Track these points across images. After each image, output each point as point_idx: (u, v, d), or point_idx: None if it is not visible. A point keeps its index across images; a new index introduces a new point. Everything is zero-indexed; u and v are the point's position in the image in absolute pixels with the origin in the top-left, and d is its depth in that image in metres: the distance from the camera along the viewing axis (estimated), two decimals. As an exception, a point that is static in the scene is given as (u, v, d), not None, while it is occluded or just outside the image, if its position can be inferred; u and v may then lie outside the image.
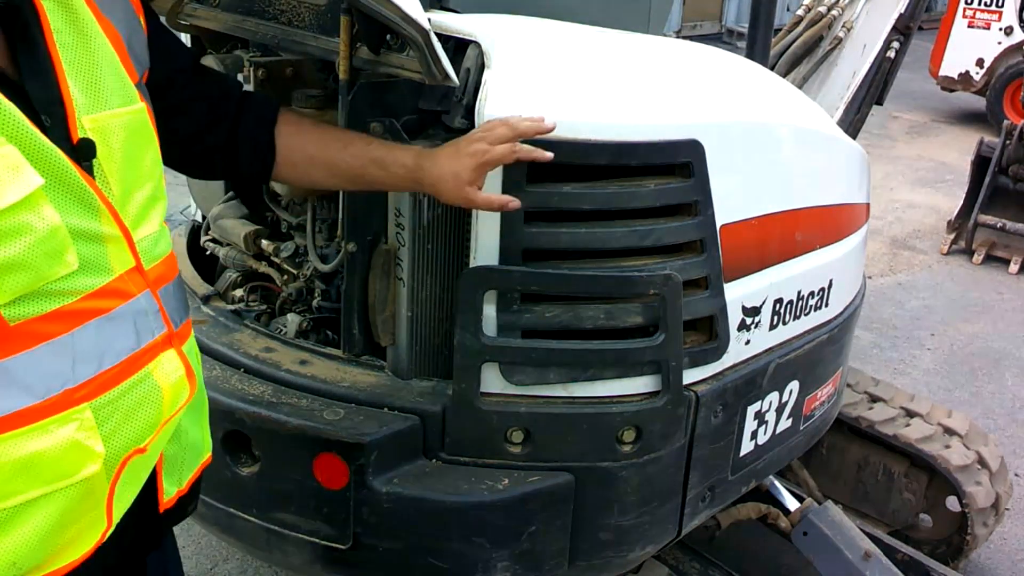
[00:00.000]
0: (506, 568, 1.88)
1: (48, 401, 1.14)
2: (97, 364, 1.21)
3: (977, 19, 9.82)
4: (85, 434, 1.18)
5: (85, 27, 1.23)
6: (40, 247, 1.10)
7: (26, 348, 1.12)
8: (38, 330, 1.13)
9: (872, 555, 2.59)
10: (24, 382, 1.12)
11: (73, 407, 1.17)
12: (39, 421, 1.14)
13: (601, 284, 1.82)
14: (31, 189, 1.09)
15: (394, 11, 1.56)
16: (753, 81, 2.33)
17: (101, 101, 1.23)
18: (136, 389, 1.26)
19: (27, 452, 1.12)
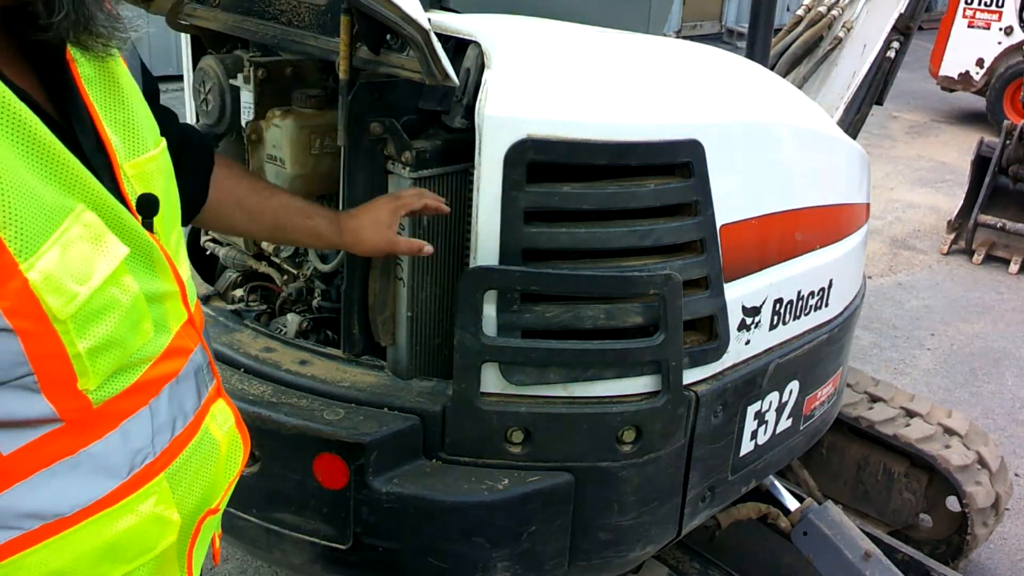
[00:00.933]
0: (506, 568, 1.88)
1: (131, 479, 1.10)
2: (171, 431, 1.17)
3: (977, 19, 9.82)
4: (163, 506, 1.15)
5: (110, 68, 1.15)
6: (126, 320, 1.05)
7: (111, 430, 1.07)
8: (121, 408, 1.08)
9: (872, 555, 2.59)
10: (110, 465, 1.08)
11: (152, 480, 1.13)
12: (122, 501, 1.09)
13: (601, 284, 1.82)
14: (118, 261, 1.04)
15: (394, 11, 1.56)
16: (753, 81, 2.33)
17: (140, 145, 1.16)
18: (199, 448, 1.23)
19: (112, 534, 1.08)
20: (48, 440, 1.01)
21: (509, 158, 1.73)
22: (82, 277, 0.99)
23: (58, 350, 0.98)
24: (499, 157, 1.73)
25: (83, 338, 0.99)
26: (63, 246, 0.96)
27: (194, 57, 2.32)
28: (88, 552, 1.06)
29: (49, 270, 0.95)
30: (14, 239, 0.92)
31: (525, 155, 1.73)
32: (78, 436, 1.04)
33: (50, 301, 0.95)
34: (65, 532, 1.03)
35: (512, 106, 1.73)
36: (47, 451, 1.01)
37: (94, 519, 1.06)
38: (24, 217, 0.92)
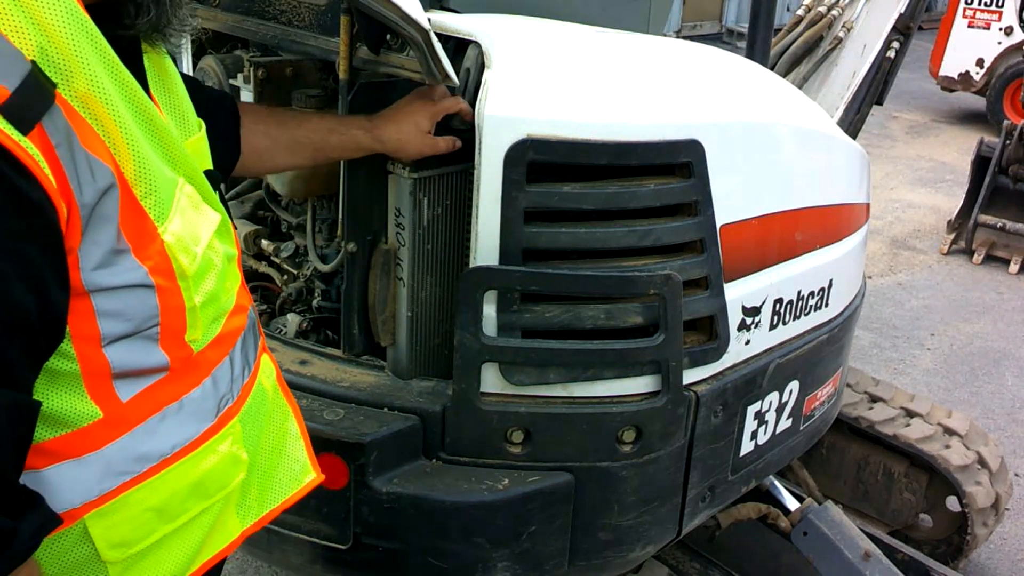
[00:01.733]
0: (506, 568, 1.88)
1: (216, 422, 1.22)
2: (243, 378, 1.30)
3: (977, 19, 9.82)
4: (237, 446, 1.27)
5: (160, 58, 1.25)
6: (220, 278, 1.19)
7: (205, 376, 1.19)
8: (211, 358, 1.20)
9: (872, 555, 2.59)
10: (203, 408, 1.20)
11: (230, 422, 1.25)
12: (208, 441, 1.21)
13: (601, 284, 1.82)
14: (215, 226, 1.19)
15: (394, 11, 1.56)
16: (753, 81, 2.33)
17: (188, 127, 1.27)
18: (257, 394, 1.35)
19: (199, 472, 1.20)
20: (157, 388, 1.13)
21: (509, 158, 1.73)
22: (196, 240, 1.13)
23: (180, 303, 1.11)
24: (499, 157, 1.73)
25: (198, 292, 1.13)
26: (181, 212, 1.10)
27: (194, 57, 2.32)
28: (180, 489, 1.17)
29: (178, 233, 1.09)
30: (154, 207, 1.05)
31: (525, 155, 1.73)
32: (181, 383, 1.16)
33: (181, 259, 1.09)
34: (163, 472, 1.14)
35: (512, 106, 1.73)
36: (158, 397, 1.13)
37: (186, 459, 1.17)
38: (159, 188, 1.06)
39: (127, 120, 1.03)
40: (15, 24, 0.94)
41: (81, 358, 1.04)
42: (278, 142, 1.72)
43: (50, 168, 0.93)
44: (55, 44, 0.96)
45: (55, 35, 0.96)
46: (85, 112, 0.98)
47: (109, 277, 1.02)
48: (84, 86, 0.98)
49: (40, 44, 0.95)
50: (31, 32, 0.94)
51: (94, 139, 0.99)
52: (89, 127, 0.98)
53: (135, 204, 1.03)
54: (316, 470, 1.51)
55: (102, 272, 1.01)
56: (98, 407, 1.07)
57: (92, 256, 1.00)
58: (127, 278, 1.04)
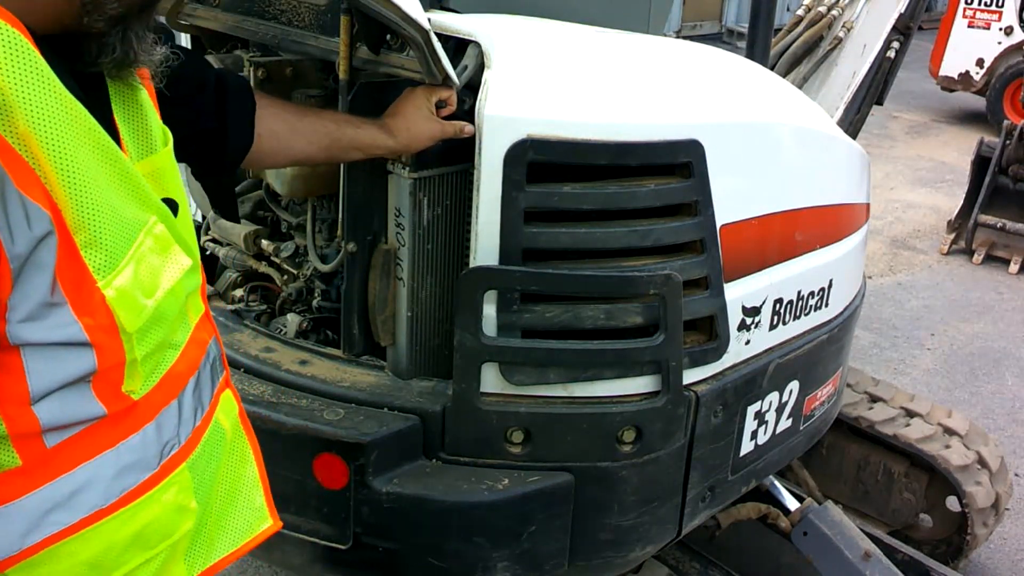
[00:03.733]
0: (506, 568, 1.88)
1: (160, 470, 1.14)
2: (193, 421, 1.20)
3: (977, 19, 9.82)
4: (184, 495, 1.18)
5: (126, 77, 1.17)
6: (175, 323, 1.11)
7: (147, 422, 1.11)
8: (156, 401, 1.12)
9: (872, 555, 2.58)
10: (144, 456, 1.11)
11: (176, 469, 1.17)
12: (151, 491, 1.12)
13: (601, 284, 1.82)
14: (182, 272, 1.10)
15: (394, 11, 1.56)
16: (753, 81, 2.33)
17: (148, 143, 1.17)
18: (211, 437, 1.26)
19: (140, 524, 1.12)
20: (89, 434, 1.04)
21: (509, 158, 1.73)
22: (150, 290, 1.04)
23: (119, 359, 1.02)
24: (499, 157, 1.73)
25: (142, 346, 1.04)
26: (137, 261, 1.01)
27: (194, 57, 2.31)
28: (117, 542, 1.08)
29: (124, 286, 0.99)
30: (96, 257, 0.96)
31: (525, 155, 1.73)
32: (117, 430, 1.07)
33: (122, 316, 1.00)
34: (98, 523, 1.06)
35: (512, 106, 1.73)
36: (89, 444, 1.04)
37: (125, 510, 1.09)
38: (108, 236, 0.97)
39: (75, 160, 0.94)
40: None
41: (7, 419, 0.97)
42: (295, 128, 1.68)
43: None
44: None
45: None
46: (25, 152, 0.91)
47: (39, 332, 0.94)
48: (24, 125, 0.90)
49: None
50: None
51: (32, 182, 0.91)
52: (28, 169, 0.91)
53: (74, 254, 0.95)
54: (274, 517, 1.44)
55: (31, 326, 0.93)
56: (17, 455, 0.99)
57: (21, 308, 0.92)
58: (60, 334, 0.96)
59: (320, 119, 1.73)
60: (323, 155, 1.75)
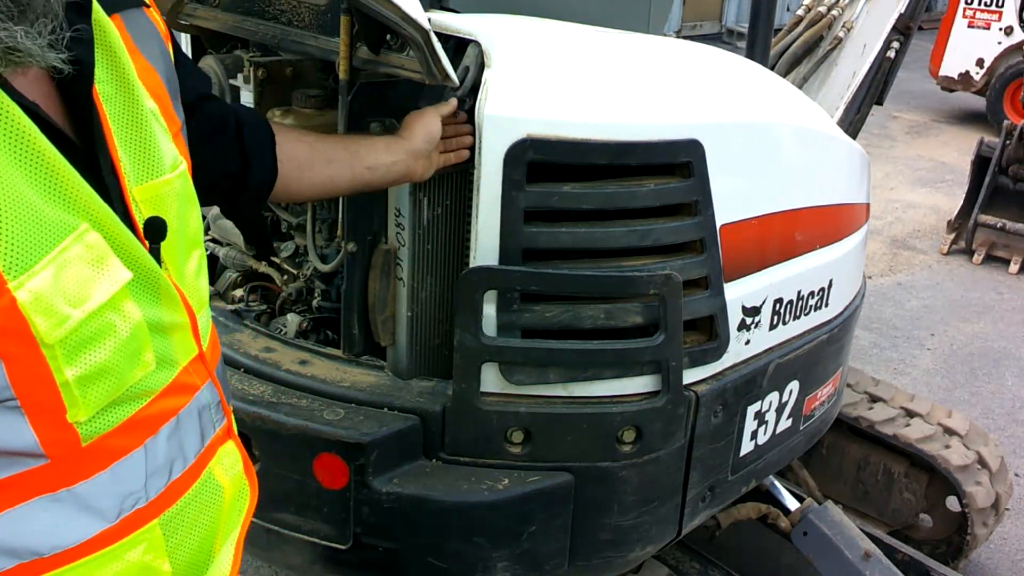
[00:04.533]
0: (506, 568, 1.88)
1: (120, 524, 1.03)
2: (168, 474, 1.09)
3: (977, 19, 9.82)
4: (153, 555, 1.07)
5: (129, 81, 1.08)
6: (124, 350, 0.99)
7: (101, 469, 1.00)
8: (112, 447, 1.01)
9: (872, 555, 2.59)
10: (97, 506, 1.00)
11: (143, 526, 1.05)
12: (109, 546, 1.02)
13: (601, 284, 1.82)
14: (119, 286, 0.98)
15: (394, 11, 1.56)
16: (753, 81, 2.33)
17: (151, 168, 1.09)
18: (199, 494, 1.15)
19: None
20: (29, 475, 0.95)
21: (509, 158, 1.73)
22: (77, 300, 0.93)
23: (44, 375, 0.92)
24: (499, 157, 1.73)
25: (72, 365, 0.93)
26: (59, 266, 0.91)
27: (194, 57, 2.31)
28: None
29: (40, 290, 0.89)
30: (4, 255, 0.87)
31: (525, 155, 1.73)
32: (62, 473, 0.97)
33: (38, 323, 0.89)
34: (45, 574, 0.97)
35: (512, 106, 1.73)
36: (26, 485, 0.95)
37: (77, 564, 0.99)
38: (17, 233, 0.88)
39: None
40: None
41: None
42: (316, 150, 1.64)
43: None
44: None
45: None
46: None
47: None
48: None
49: None
50: None
51: None
52: None
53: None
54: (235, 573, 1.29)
55: None
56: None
57: None
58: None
59: (340, 140, 1.73)
60: (346, 175, 1.68)
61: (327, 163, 1.65)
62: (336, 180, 1.68)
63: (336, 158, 1.65)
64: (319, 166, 1.64)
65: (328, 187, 1.71)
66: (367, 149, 1.69)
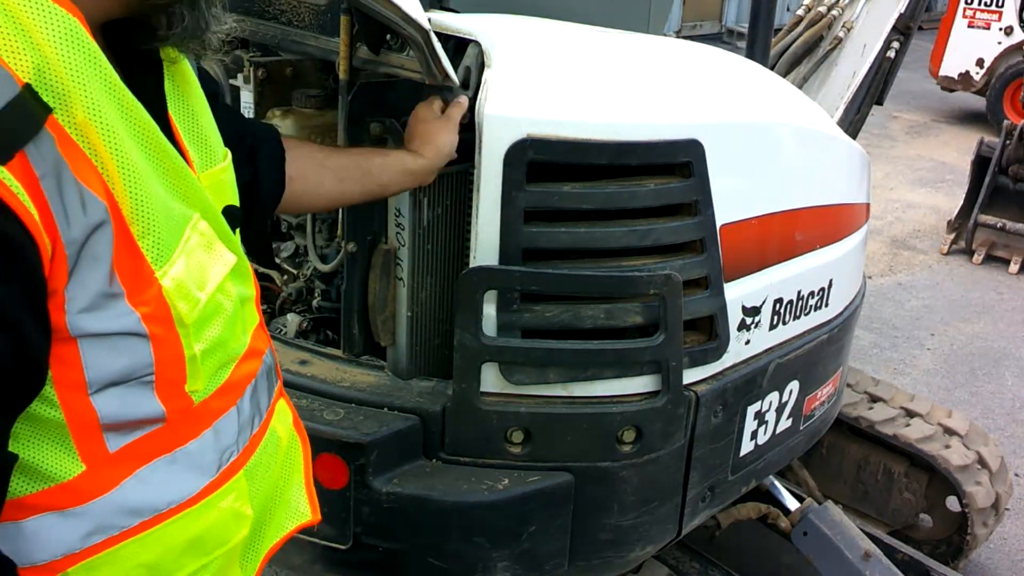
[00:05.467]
0: (506, 568, 1.88)
1: (218, 476, 1.15)
2: (250, 429, 1.22)
3: (977, 19, 9.82)
4: (240, 502, 1.19)
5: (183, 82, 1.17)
6: (229, 324, 1.12)
7: (206, 428, 1.12)
8: (214, 407, 1.13)
9: (872, 555, 2.59)
10: (203, 462, 1.12)
11: (234, 476, 1.18)
12: (208, 497, 1.13)
13: (601, 284, 1.82)
14: (228, 268, 1.12)
15: (394, 11, 1.56)
16: (753, 81, 2.33)
17: (211, 156, 1.18)
18: (268, 445, 1.28)
19: (197, 529, 1.12)
20: (149, 439, 1.06)
21: (509, 157, 1.73)
22: (201, 283, 1.05)
23: (179, 353, 1.03)
24: (499, 157, 1.73)
25: (199, 341, 1.05)
26: (187, 254, 1.03)
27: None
28: (175, 546, 1.10)
29: (179, 277, 1.01)
30: (152, 248, 0.98)
31: (525, 154, 1.73)
32: (177, 435, 1.08)
33: (180, 306, 1.01)
34: (157, 527, 1.07)
35: (512, 105, 1.73)
36: (148, 449, 1.06)
37: (184, 515, 1.10)
38: (160, 227, 0.98)
39: (129, 151, 0.96)
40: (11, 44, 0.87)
41: (65, 407, 0.97)
42: (325, 166, 1.66)
43: (32, 201, 0.86)
44: (52, 67, 0.89)
45: (53, 57, 0.89)
46: (82, 141, 0.91)
47: (97, 322, 0.94)
48: (83, 114, 0.91)
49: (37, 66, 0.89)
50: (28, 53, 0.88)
51: (89, 170, 0.92)
52: (85, 157, 0.91)
53: (131, 244, 0.96)
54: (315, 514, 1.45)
55: (89, 316, 0.94)
56: (82, 460, 1.00)
57: (79, 299, 0.92)
58: (117, 324, 0.96)
59: (349, 154, 1.73)
60: (357, 189, 1.72)
61: (339, 181, 1.69)
62: (347, 195, 1.75)
63: (348, 176, 1.69)
64: (330, 183, 1.68)
65: (338, 201, 1.81)
66: (380, 168, 1.71)
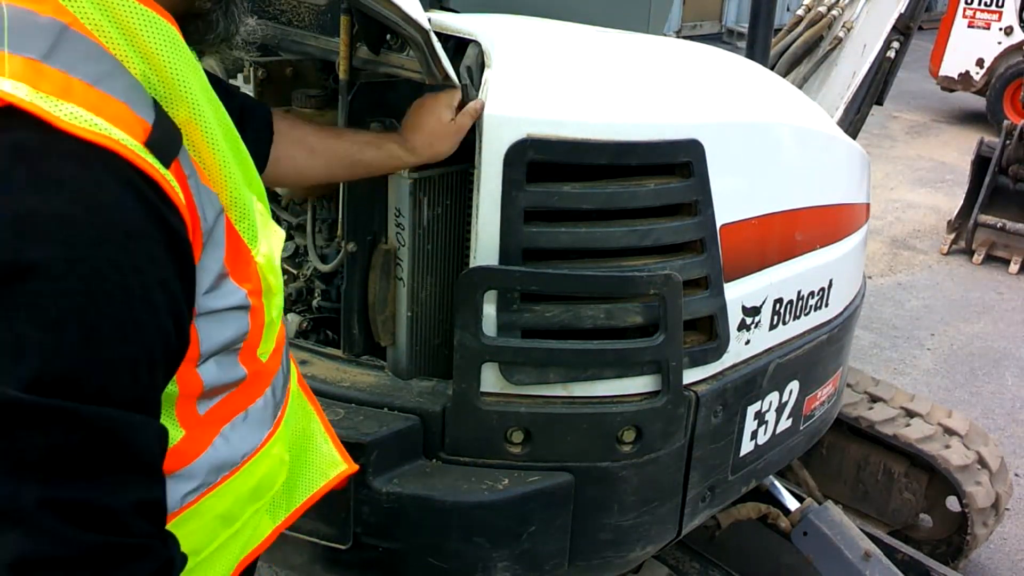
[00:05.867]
0: (506, 568, 1.88)
1: (273, 427, 1.26)
2: (285, 383, 1.32)
3: (977, 19, 9.82)
4: (283, 449, 1.30)
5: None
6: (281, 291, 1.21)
7: (267, 386, 1.22)
8: (271, 367, 1.22)
9: (872, 555, 2.59)
10: (264, 416, 1.23)
11: (280, 427, 1.28)
12: (264, 447, 1.23)
13: (601, 284, 1.82)
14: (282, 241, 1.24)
15: (394, 11, 1.56)
16: (753, 81, 2.33)
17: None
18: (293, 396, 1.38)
19: (257, 477, 1.22)
20: (229, 400, 1.15)
21: (509, 157, 1.73)
22: (274, 256, 1.16)
23: (262, 320, 1.13)
24: (499, 156, 1.73)
25: (273, 308, 1.16)
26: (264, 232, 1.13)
27: (194, 57, 2.31)
28: (242, 495, 1.19)
29: (267, 253, 1.12)
30: (246, 231, 1.07)
31: (525, 154, 1.73)
32: (249, 394, 1.18)
33: (270, 278, 1.13)
34: (231, 479, 1.16)
35: (512, 105, 1.73)
36: (228, 409, 1.15)
37: (249, 465, 1.20)
38: (247, 211, 1.08)
39: (221, 145, 1.03)
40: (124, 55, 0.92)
41: (179, 379, 1.03)
42: (315, 151, 1.69)
43: (185, 199, 0.94)
44: (157, 73, 0.95)
45: (157, 63, 0.94)
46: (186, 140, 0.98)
47: (215, 301, 1.03)
48: (186, 114, 0.97)
49: (143, 73, 0.93)
50: (136, 62, 0.93)
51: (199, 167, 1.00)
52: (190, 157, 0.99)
53: (232, 229, 1.05)
54: (347, 461, 1.53)
55: (210, 296, 1.02)
56: (181, 426, 1.06)
57: (204, 281, 1.00)
58: (228, 301, 1.05)
59: (340, 141, 1.74)
60: (344, 174, 1.79)
61: (326, 166, 1.72)
62: (333, 178, 1.84)
63: (338, 163, 1.72)
64: (318, 168, 1.71)
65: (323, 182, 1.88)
66: (371, 159, 1.74)
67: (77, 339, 0.84)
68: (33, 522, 0.82)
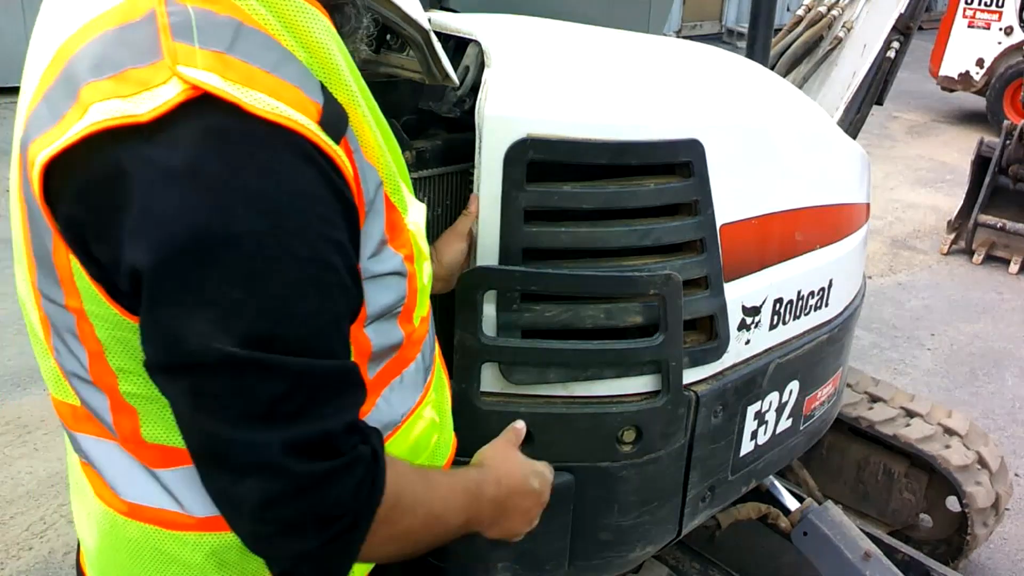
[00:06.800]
0: (506, 568, 1.88)
1: (424, 391, 1.32)
2: (432, 346, 1.38)
3: (977, 19, 9.83)
4: (432, 411, 1.36)
5: None
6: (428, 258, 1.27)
7: (417, 352, 1.28)
8: (422, 333, 1.29)
9: (872, 555, 2.59)
10: (417, 380, 1.29)
11: (429, 390, 1.35)
12: (417, 409, 1.30)
13: (601, 284, 1.82)
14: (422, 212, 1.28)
15: (394, 11, 1.56)
16: (753, 81, 2.33)
17: None
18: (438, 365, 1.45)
19: (412, 438, 1.29)
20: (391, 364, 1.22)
21: (509, 157, 1.73)
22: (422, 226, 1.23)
23: (415, 285, 1.21)
24: (499, 156, 1.73)
25: (422, 274, 1.23)
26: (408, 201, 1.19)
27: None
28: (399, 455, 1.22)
29: (416, 221, 1.20)
30: (399, 201, 1.15)
31: (525, 154, 1.73)
32: (405, 358, 1.25)
33: (421, 245, 1.21)
34: (390, 440, 1.23)
35: (512, 105, 1.73)
36: (389, 373, 1.22)
37: (405, 426, 1.26)
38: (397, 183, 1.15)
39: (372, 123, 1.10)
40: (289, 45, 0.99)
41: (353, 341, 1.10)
42: None
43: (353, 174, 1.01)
44: (318, 60, 1.02)
45: (317, 51, 1.02)
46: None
47: (377, 265, 1.11)
48: (345, 96, 1.04)
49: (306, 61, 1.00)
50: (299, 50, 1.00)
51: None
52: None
53: (388, 199, 1.12)
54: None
55: (373, 261, 1.10)
56: None
57: (367, 247, 1.09)
58: (388, 266, 1.13)
59: None
60: None
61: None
62: None
63: None
64: None
65: None
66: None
67: (280, 299, 0.94)
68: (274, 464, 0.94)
